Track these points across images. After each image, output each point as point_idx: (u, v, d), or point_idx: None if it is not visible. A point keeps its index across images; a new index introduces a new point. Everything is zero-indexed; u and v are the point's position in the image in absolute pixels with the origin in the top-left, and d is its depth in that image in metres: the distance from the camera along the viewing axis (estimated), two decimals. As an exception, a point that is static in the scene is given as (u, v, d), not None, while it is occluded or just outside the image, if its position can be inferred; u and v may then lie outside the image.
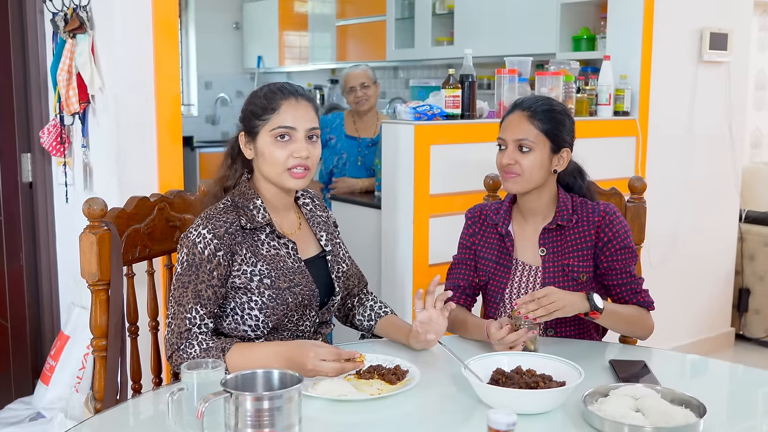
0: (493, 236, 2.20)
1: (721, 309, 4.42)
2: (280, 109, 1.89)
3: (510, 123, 2.13)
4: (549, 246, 2.13)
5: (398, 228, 3.18)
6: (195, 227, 1.86)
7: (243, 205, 1.91)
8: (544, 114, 2.11)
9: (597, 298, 1.96)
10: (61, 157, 2.89)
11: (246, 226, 1.88)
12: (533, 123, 2.09)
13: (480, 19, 5.13)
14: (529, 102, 2.14)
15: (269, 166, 1.89)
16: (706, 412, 1.51)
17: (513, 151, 2.09)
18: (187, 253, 1.84)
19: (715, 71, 4.12)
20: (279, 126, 1.88)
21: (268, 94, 1.91)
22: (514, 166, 2.08)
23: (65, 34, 2.69)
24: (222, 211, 1.88)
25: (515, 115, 2.13)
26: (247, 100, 1.96)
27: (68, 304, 3.11)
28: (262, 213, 1.91)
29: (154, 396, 1.79)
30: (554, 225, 2.12)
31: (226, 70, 7.43)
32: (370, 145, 3.96)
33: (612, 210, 2.13)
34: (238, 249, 1.86)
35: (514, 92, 3.34)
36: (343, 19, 6.45)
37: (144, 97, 2.65)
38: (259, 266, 1.88)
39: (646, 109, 3.83)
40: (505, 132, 2.13)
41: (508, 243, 2.17)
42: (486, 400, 1.62)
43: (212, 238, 1.83)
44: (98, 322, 1.94)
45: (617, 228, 2.11)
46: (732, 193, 4.36)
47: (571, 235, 2.12)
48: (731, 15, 4.14)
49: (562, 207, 2.13)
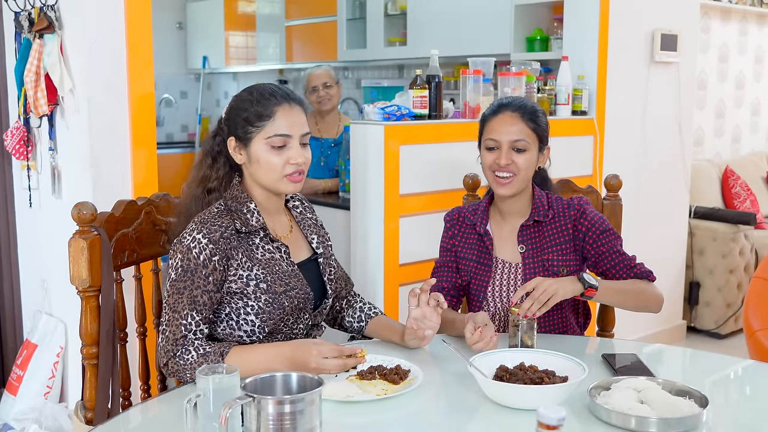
0: (473, 237, 2.23)
1: (673, 302, 4.55)
2: (275, 116, 1.85)
3: (502, 123, 2.14)
4: (528, 242, 2.17)
5: (368, 228, 3.18)
6: (189, 232, 1.82)
7: (236, 209, 1.88)
8: (532, 113, 2.16)
9: (588, 277, 2.00)
10: (26, 160, 2.80)
11: (241, 229, 1.86)
12: (526, 123, 2.14)
13: (433, 20, 5.16)
14: (517, 102, 2.17)
15: (265, 173, 1.87)
16: (708, 402, 1.56)
17: (508, 152, 2.12)
18: (181, 259, 1.80)
19: (666, 71, 4.25)
20: (276, 134, 1.85)
21: (261, 100, 1.87)
22: (511, 166, 2.11)
23: (31, 34, 2.61)
24: (216, 215, 1.85)
25: (506, 116, 2.15)
26: (236, 105, 1.90)
27: (33, 311, 3.02)
28: (256, 217, 1.89)
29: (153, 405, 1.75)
30: (531, 221, 2.16)
31: (170, 70, 7.30)
32: (333, 146, 3.96)
33: (585, 201, 2.20)
34: (233, 253, 1.84)
35: (478, 92, 3.39)
36: (292, 19, 6.41)
37: (117, 98, 2.59)
38: (254, 271, 1.86)
39: (602, 108, 3.93)
40: (497, 133, 2.14)
41: (487, 242, 2.20)
42: (492, 397, 1.64)
43: (207, 243, 1.80)
44: (89, 329, 1.90)
45: (592, 216, 2.16)
46: (682, 189, 4.50)
47: (549, 230, 2.17)
48: (680, 17, 4.28)
49: (538, 203, 2.17)
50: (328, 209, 3.60)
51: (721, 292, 4.55)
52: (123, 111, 2.60)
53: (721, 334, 4.60)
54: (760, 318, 3.18)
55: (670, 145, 4.37)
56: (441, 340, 1.91)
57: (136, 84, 2.61)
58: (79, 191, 2.63)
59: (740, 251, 4.54)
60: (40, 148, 2.79)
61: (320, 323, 2.06)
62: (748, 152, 5.76)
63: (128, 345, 2.08)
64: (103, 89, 2.57)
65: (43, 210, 2.85)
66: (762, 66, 5.88)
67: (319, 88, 3.94)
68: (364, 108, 3.28)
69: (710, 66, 5.41)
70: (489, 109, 2.22)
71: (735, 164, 5.26)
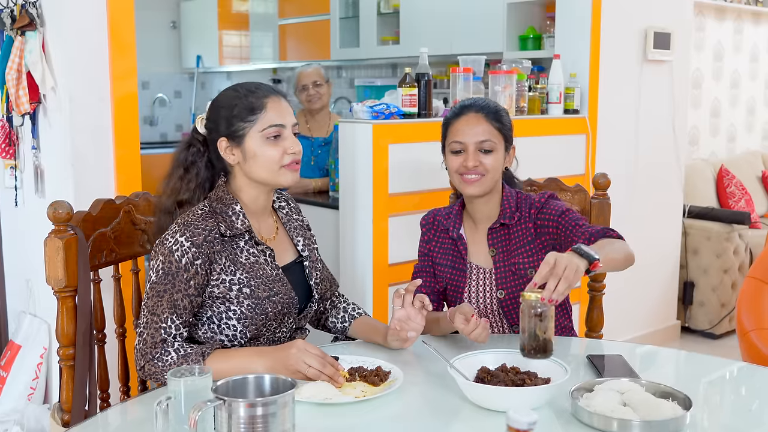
0: (447, 241, 2.20)
1: (667, 302, 4.52)
2: (266, 108, 1.84)
3: (466, 125, 2.11)
4: (498, 246, 2.13)
5: (357, 228, 3.15)
6: (171, 234, 1.79)
7: (221, 211, 1.85)
8: (496, 113, 2.13)
9: (585, 248, 1.74)
10: (10, 159, 2.77)
11: (225, 233, 1.82)
12: (490, 123, 2.11)
13: (426, 19, 5.14)
14: (479, 103, 2.15)
15: (263, 166, 1.84)
16: (692, 404, 1.53)
17: (475, 153, 2.08)
18: (162, 261, 1.77)
19: (659, 70, 4.22)
20: (271, 125, 1.83)
21: (249, 95, 1.85)
22: (479, 168, 2.08)
23: (14, 31, 2.58)
24: (200, 217, 1.81)
25: (470, 117, 2.12)
26: (223, 105, 1.87)
27: (18, 312, 2.99)
28: (241, 219, 1.85)
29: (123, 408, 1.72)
30: (498, 224, 2.13)
31: (164, 70, 7.27)
32: (323, 145, 3.93)
33: (549, 196, 2.14)
34: (216, 257, 1.80)
35: (468, 91, 3.36)
36: (286, 18, 6.39)
37: (99, 97, 2.56)
38: (238, 275, 1.82)
39: (595, 107, 3.90)
40: (463, 135, 2.11)
41: (461, 247, 2.17)
42: (473, 399, 1.61)
43: (190, 246, 1.77)
44: (65, 330, 1.87)
45: (550, 207, 2.10)
46: (676, 188, 4.47)
47: (516, 232, 2.13)
48: (673, 15, 4.25)
49: (505, 205, 2.14)
50: (318, 209, 3.57)
51: (716, 292, 4.53)
52: (106, 110, 2.57)
53: (715, 334, 4.57)
54: (753, 318, 3.15)
55: (664, 144, 4.34)
56: (422, 341, 1.88)
57: (119, 82, 2.58)
58: (62, 190, 2.60)
59: (735, 251, 4.51)
60: (24, 147, 2.76)
61: (304, 326, 2.03)
62: (743, 151, 5.73)
63: (107, 346, 2.05)
64: (85, 88, 2.54)
65: (26, 209, 2.82)
66: (757, 65, 5.85)
67: (309, 87, 3.91)
68: (353, 106, 3.25)
69: (705, 65, 5.38)
70: (451, 111, 2.18)
71: (730, 163, 5.23)
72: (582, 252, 1.72)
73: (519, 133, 3.54)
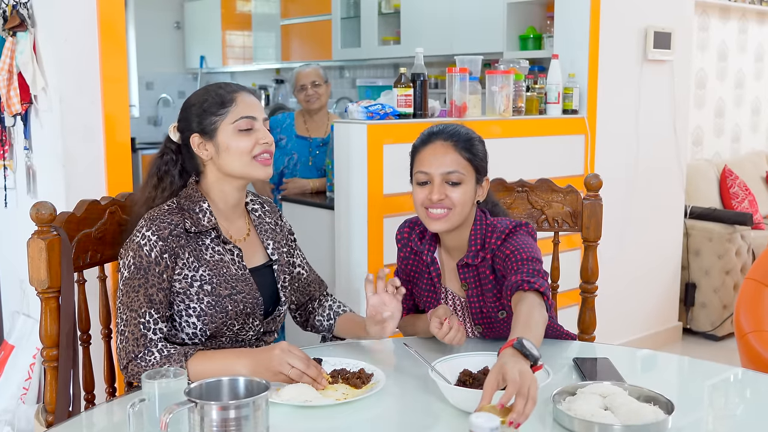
0: (421, 263, 2.08)
1: (669, 304, 4.49)
2: (236, 101, 1.86)
3: (433, 154, 1.93)
4: (468, 281, 2.00)
5: (352, 228, 3.14)
6: (138, 229, 1.81)
7: (189, 207, 1.86)
8: (467, 141, 1.95)
9: (528, 345, 1.52)
10: (1, 159, 2.78)
11: (190, 229, 1.83)
12: (460, 153, 1.93)
13: (427, 19, 5.13)
14: (449, 130, 1.96)
15: (235, 158, 1.85)
16: (674, 408, 1.51)
17: (441, 185, 1.91)
18: (133, 257, 1.78)
19: (660, 70, 4.19)
20: (242, 116, 1.85)
21: (219, 90, 1.88)
22: (445, 201, 1.91)
23: (5, 32, 2.58)
24: (166, 212, 1.83)
25: (437, 146, 1.93)
26: (193, 102, 1.89)
27: (11, 312, 3.00)
28: (207, 217, 1.86)
29: (108, 408, 1.71)
30: (463, 262, 1.98)
31: (168, 70, 7.30)
32: (321, 145, 3.92)
33: (506, 232, 1.94)
34: (180, 252, 1.81)
35: (465, 91, 3.35)
36: (288, 18, 6.39)
37: (89, 98, 2.56)
38: (201, 271, 1.83)
39: (594, 107, 3.87)
40: (429, 165, 1.92)
41: (433, 273, 2.04)
42: (454, 402, 1.60)
43: (157, 240, 1.78)
44: (49, 331, 1.86)
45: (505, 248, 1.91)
46: (677, 189, 4.44)
47: (483, 272, 1.97)
48: (674, 15, 4.22)
49: (471, 243, 1.97)
50: (315, 209, 3.57)
51: (717, 294, 4.49)
52: (96, 111, 2.57)
53: (717, 336, 4.53)
54: (751, 320, 3.12)
55: (665, 145, 4.31)
56: (403, 344, 1.87)
57: (110, 84, 2.57)
58: (53, 191, 2.60)
59: (737, 252, 4.47)
60: (16, 148, 2.76)
61: (274, 330, 2.01)
62: (748, 152, 5.69)
63: (92, 347, 2.05)
64: (76, 89, 2.54)
65: (19, 209, 2.82)
66: (762, 64, 5.81)
67: (308, 87, 3.90)
68: (348, 107, 3.24)
69: (709, 64, 5.34)
70: (419, 138, 2.00)
71: (734, 164, 5.19)
72: (526, 353, 1.50)
73: (516, 133, 3.55)
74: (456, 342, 1.83)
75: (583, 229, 2.41)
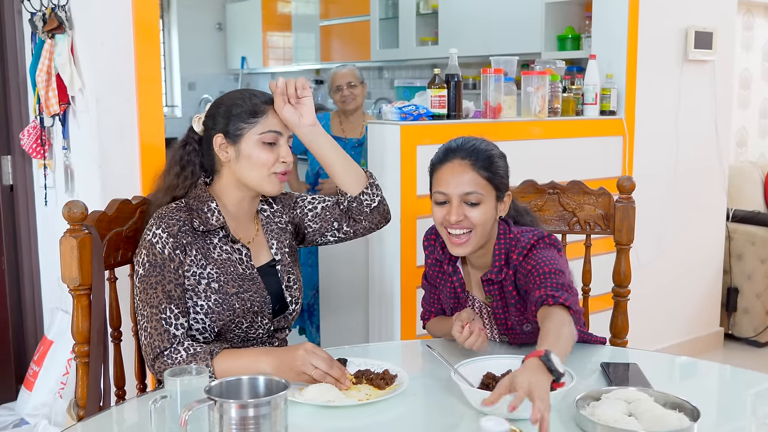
0: (445, 272, 2.07)
1: (710, 308, 4.41)
2: (267, 114, 1.87)
3: (451, 174, 1.88)
4: (493, 294, 1.97)
5: (385, 230, 3.12)
6: (149, 227, 1.84)
7: (197, 207, 1.88)
8: (485, 161, 1.89)
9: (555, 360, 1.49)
10: (42, 159, 2.84)
11: (198, 228, 1.85)
12: (478, 172, 1.88)
13: (465, 19, 5.11)
14: (467, 146, 1.91)
15: (252, 169, 1.86)
16: (699, 415, 1.49)
17: (459, 206, 1.87)
18: (146, 254, 1.81)
19: (701, 70, 4.12)
20: (269, 130, 1.87)
21: (252, 99, 1.88)
22: (464, 222, 1.87)
23: (44, 34, 2.64)
24: (174, 209, 1.86)
25: (455, 165, 1.88)
26: (225, 103, 1.90)
27: (51, 308, 3.06)
28: (216, 216, 1.88)
29: (137, 403, 1.74)
30: (487, 278, 1.96)
31: (210, 71, 7.38)
32: (357, 146, 3.92)
33: (528, 245, 1.90)
34: (188, 249, 1.83)
35: (500, 92, 3.32)
36: (327, 19, 6.42)
37: (125, 98, 2.60)
38: (208, 269, 1.85)
39: (632, 108, 3.82)
40: (446, 185, 1.88)
41: (456, 283, 2.02)
42: (476, 405, 1.59)
43: (168, 237, 1.81)
44: (80, 327, 1.90)
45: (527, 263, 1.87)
46: (719, 191, 4.36)
47: (507, 287, 1.94)
48: (716, 14, 4.14)
49: (496, 259, 1.94)
50: (349, 210, 3.57)
51: (760, 299, 4.40)
52: (131, 111, 2.61)
53: (760, 342, 4.44)
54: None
55: (706, 146, 4.23)
56: (426, 345, 1.86)
57: (145, 85, 2.61)
58: (90, 190, 2.65)
59: (780, 256, 4.38)
60: (55, 147, 2.82)
61: (285, 328, 2.01)
62: (794, 153, 5.57)
63: (123, 343, 2.08)
64: (112, 89, 2.58)
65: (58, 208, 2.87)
66: (810, 64, 5.68)
67: (343, 88, 3.91)
68: (382, 108, 3.24)
69: (754, 64, 5.24)
70: (437, 154, 1.96)
71: (780, 166, 5.09)
72: (552, 367, 1.47)
73: (552, 134, 3.52)
74: (476, 347, 1.82)
75: (615, 232, 2.38)
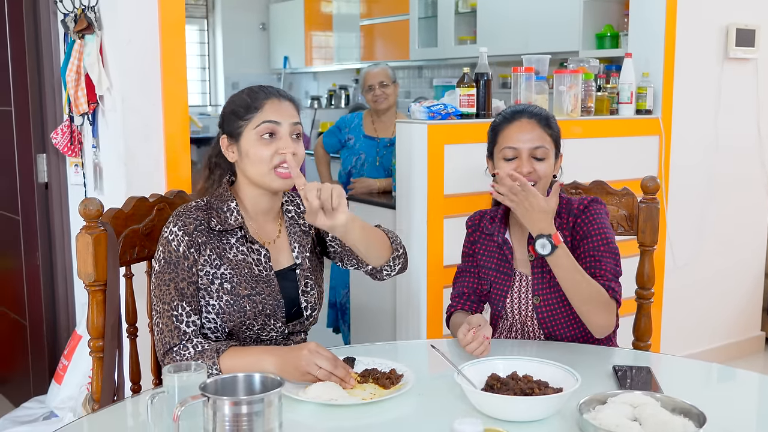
0: (492, 245, 2.14)
1: (750, 312, 4.31)
2: (263, 107, 1.86)
3: (520, 131, 2.03)
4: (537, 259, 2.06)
5: (412, 228, 3.14)
6: (167, 225, 1.86)
7: (218, 206, 1.89)
8: (548, 119, 2.07)
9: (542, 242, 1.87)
10: (75, 157, 2.90)
11: (215, 227, 1.85)
12: (543, 129, 2.04)
13: (503, 18, 5.08)
14: (531, 109, 2.08)
15: (254, 166, 1.86)
16: (706, 421, 1.45)
17: (528, 160, 2.01)
18: (162, 251, 1.83)
19: (743, 69, 4.02)
20: (263, 121, 1.84)
21: (251, 94, 1.89)
22: (532, 175, 2.00)
23: (75, 34, 2.69)
24: (193, 208, 1.87)
25: (524, 123, 2.04)
26: (228, 103, 1.94)
27: (83, 303, 3.12)
28: (234, 216, 1.88)
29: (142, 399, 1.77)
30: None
31: (253, 71, 7.45)
32: (389, 145, 3.92)
33: (584, 203, 2.06)
34: (203, 248, 1.84)
35: (531, 91, 3.29)
36: (368, 18, 6.43)
37: (151, 99, 2.64)
38: (222, 269, 1.85)
39: (669, 107, 3.74)
40: (516, 140, 2.03)
41: (507, 252, 2.11)
42: (479, 407, 1.57)
43: (183, 235, 1.82)
44: (95, 322, 1.93)
45: (588, 218, 2.03)
46: (761, 193, 4.24)
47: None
48: (758, 10, 4.04)
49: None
50: (381, 209, 3.58)
51: (804, 303, 4.28)
52: (157, 111, 2.65)
53: (803, 347, 4.33)
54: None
55: (747, 147, 4.13)
56: (431, 346, 1.85)
57: (170, 84, 2.65)
58: (117, 188, 2.70)
59: (825, 260, 4.25)
60: (86, 146, 2.87)
61: (300, 331, 1.99)
62: None
63: (139, 339, 2.11)
64: (137, 89, 2.62)
65: (88, 205, 2.94)
66: None
67: (375, 87, 3.92)
68: (411, 107, 3.23)
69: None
70: (500, 116, 2.10)
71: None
72: (540, 239, 1.89)
73: (586, 134, 3.47)
74: (477, 354, 1.82)
75: (639, 233, 2.33)
